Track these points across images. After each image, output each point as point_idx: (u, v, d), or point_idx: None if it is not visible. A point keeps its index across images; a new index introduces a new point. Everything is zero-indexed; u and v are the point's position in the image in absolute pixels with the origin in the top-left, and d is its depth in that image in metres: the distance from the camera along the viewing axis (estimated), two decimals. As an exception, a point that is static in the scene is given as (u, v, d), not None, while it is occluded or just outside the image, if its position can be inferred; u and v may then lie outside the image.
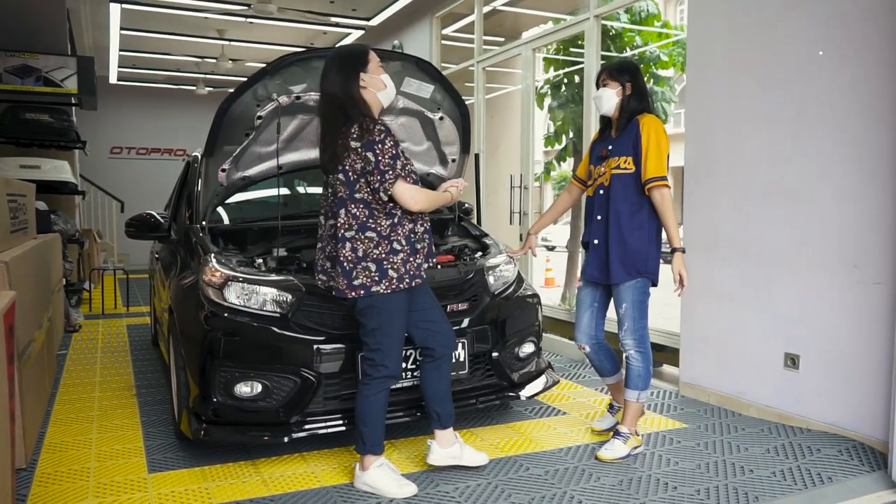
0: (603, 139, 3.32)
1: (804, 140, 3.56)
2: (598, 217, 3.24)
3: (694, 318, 4.24)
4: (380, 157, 2.68)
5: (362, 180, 2.72)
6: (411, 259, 2.79)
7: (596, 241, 3.25)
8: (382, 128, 2.72)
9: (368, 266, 2.74)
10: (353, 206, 2.75)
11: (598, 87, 3.28)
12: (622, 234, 3.14)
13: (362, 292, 2.75)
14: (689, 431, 3.60)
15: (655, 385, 4.51)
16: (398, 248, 2.76)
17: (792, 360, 3.65)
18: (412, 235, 2.81)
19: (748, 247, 3.86)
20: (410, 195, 2.73)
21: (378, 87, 2.83)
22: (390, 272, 2.74)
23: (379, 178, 2.69)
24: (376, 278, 2.74)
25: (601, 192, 3.24)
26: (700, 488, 2.88)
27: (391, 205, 2.75)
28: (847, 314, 3.40)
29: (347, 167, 2.74)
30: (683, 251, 3.12)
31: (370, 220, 2.75)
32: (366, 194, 2.73)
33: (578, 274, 3.50)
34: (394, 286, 2.75)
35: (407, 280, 2.77)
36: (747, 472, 3.05)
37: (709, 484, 2.92)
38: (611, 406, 3.60)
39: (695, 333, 4.24)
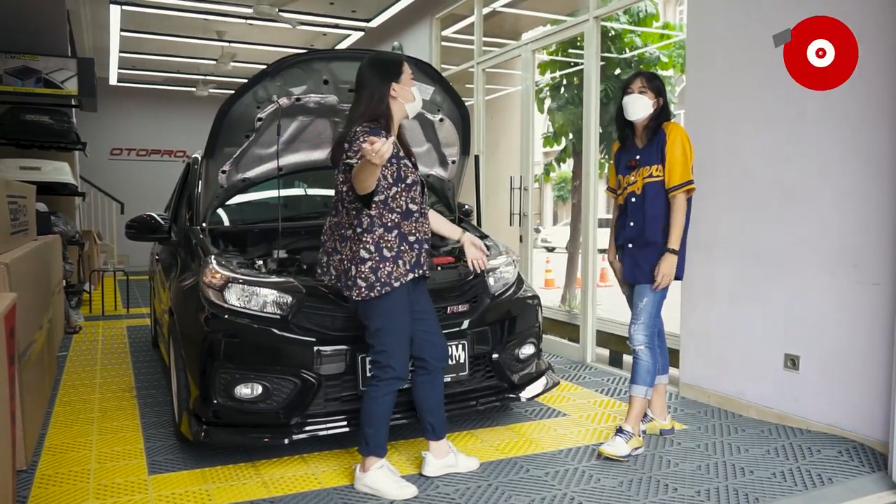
0: (627, 149, 3.37)
1: (804, 140, 3.56)
2: (632, 224, 3.31)
3: (694, 318, 4.24)
4: (351, 150, 2.69)
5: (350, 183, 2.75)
6: (381, 266, 2.74)
7: (630, 246, 3.32)
8: (367, 129, 2.71)
9: (359, 268, 2.75)
10: (343, 210, 2.80)
11: (627, 90, 3.28)
12: (657, 239, 3.22)
13: (354, 293, 2.77)
14: (688, 433, 3.60)
15: (655, 386, 4.51)
16: (366, 256, 2.74)
17: (792, 361, 3.65)
18: (382, 243, 2.75)
19: (748, 247, 3.87)
20: (354, 172, 2.62)
21: (407, 99, 2.85)
22: (359, 281, 2.74)
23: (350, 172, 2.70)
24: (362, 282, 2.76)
25: (633, 199, 3.30)
26: (700, 489, 2.88)
27: (368, 210, 2.74)
28: (847, 314, 3.40)
29: (342, 171, 2.78)
30: (675, 253, 3.18)
31: (352, 221, 2.78)
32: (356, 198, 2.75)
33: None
34: (363, 294, 2.74)
35: (378, 288, 2.73)
36: (747, 474, 3.05)
37: (709, 485, 2.92)
38: (644, 415, 3.47)
39: (695, 334, 4.24)
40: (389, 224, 2.76)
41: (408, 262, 2.79)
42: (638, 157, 3.30)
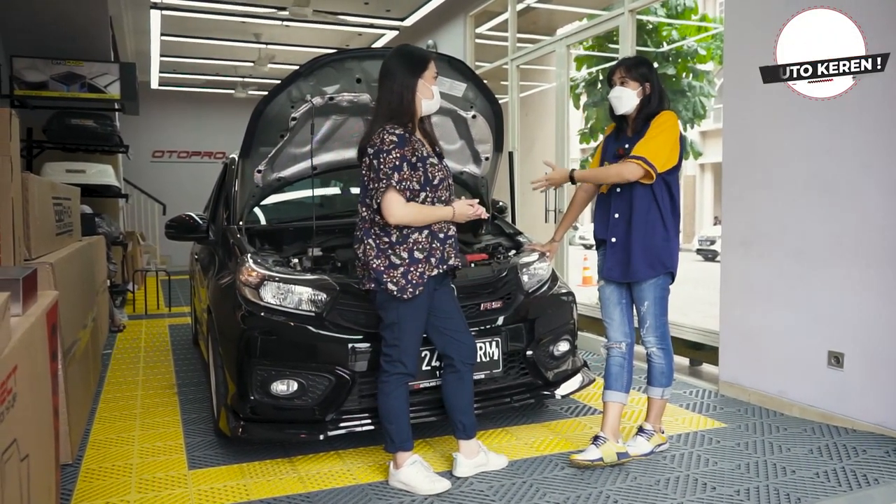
0: (618, 138, 3.20)
1: (844, 131, 3.46)
2: (617, 215, 3.12)
3: (733, 315, 4.16)
4: (381, 166, 2.71)
5: (369, 185, 2.77)
6: (412, 269, 2.77)
7: (614, 240, 3.13)
8: (395, 139, 2.73)
9: (391, 273, 2.77)
10: (363, 209, 2.83)
11: (611, 84, 3.14)
12: (646, 232, 3.05)
13: (372, 285, 2.81)
14: (728, 431, 3.53)
15: (694, 384, 4.44)
16: (397, 262, 2.77)
17: (836, 359, 3.56)
18: (415, 246, 2.78)
19: (788, 242, 3.77)
20: (388, 206, 2.71)
21: (426, 96, 2.86)
22: (389, 285, 2.76)
23: (375, 185, 2.73)
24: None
25: (618, 189, 3.11)
26: (740, 489, 2.82)
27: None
28: (893, 311, 3.30)
29: (364, 169, 2.81)
30: (572, 179, 3.21)
31: (373, 228, 2.80)
32: (371, 201, 2.78)
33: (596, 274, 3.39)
34: (396, 297, 2.77)
35: (410, 290, 2.75)
36: (789, 473, 2.98)
37: (749, 485, 2.87)
38: (596, 437, 3.12)
39: (734, 331, 4.16)
40: (421, 226, 2.79)
41: (435, 258, 2.81)
42: (627, 145, 3.10)
